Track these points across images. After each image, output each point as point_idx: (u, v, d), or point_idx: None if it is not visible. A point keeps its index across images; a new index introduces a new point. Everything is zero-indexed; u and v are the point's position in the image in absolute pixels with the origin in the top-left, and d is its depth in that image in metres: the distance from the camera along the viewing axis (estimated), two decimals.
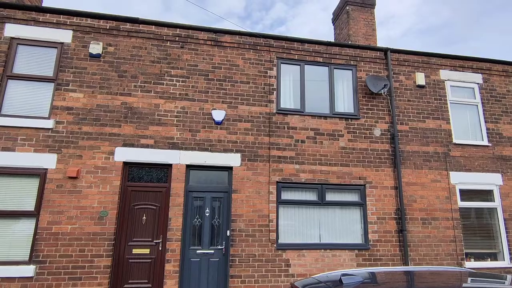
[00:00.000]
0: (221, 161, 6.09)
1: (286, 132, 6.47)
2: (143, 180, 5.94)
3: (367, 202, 6.42)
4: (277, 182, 6.21)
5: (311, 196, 6.37)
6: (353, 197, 6.51)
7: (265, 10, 45.17)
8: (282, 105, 6.65)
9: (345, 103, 6.95)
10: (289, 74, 6.88)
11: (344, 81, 7.07)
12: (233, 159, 6.13)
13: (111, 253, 5.39)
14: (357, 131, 6.75)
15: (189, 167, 6.06)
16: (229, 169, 6.18)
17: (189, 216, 5.91)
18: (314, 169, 6.38)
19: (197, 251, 5.80)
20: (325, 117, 6.70)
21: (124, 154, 5.80)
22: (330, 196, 6.40)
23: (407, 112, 7.07)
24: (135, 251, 5.64)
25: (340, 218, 6.38)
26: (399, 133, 6.84)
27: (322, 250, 6.06)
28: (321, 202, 6.31)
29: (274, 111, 6.54)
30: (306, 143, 6.49)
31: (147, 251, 5.67)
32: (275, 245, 5.91)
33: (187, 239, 5.81)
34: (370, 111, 6.91)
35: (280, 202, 6.17)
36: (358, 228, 6.39)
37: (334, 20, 9.83)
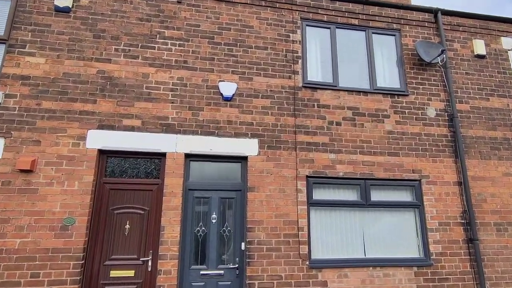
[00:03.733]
0: (232, 149, 4.53)
1: (316, 111, 4.94)
2: (127, 175, 4.35)
3: (424, 203, 4.86)
4: (307, 176, 4.65)
5: (351, 195, 4.81)
6: (405, 195, 4.96)
7: None
8: (310, 78, 5.13)
9: (388, 76, 5.44)
10: (316, 39, 5.38)
11: (386, 49, 5.57)
12: (248, 146, 4.58)
13: (78, 277, 3.78)
14: (406, 110, 5.22)
15: (189, 156, 4.50)
16: (243, 159, 4.62)
17: (189, 223, 4.33)
18: (354, 160, 4.83)
19: (201, 272, 4.20)
20: (365, 93, 5.18)
21: (100, 139, 4.23)
22: (376, 195, 4.84)
23: (466, 87, 5.57)
24: (114, 273, 4.03)
25: (390, 224, 4.81)
26: (458, 114, 5.32)
27: (371, 267, 4.47)
28: (365, 203, 4.75)
29: (300, 84, 5.01)
30: (343, 125, 4.95)
31: (131, 273, 4.06)
32: (307, 262, 4.32)
33: (186, 256, 4.22)
34: (421, 86, 5.41)
35: (312, 204, 4.60)
36: (414, 237, 4.81)
37: None
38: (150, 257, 4.12)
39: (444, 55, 5.32)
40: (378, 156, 4.91)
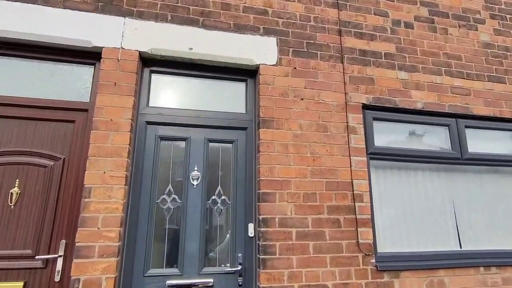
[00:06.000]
0: (232, 52, 2.45)
1: (373, 3, 2.92)
2: (21, 89, 2.20)
3: None
4: (364, 106, 2.62)
5: (436, 142, 2.82)
6: None
7: None
8: None
9: None
10: None
11: None
12: (259, 49, 2.51)
13: None
14: (508, 16, 3.29)
15: (150, 63, 2.39)
16: (250, 73, 2.55)
17: (146, 187, 2.21)
18: (439, 84, 2.84)
19: (169, 283, 2.09)
20: None
21: None
22: (474, 144, 2.86)
23: None
24: None
25: (499, 194, 2.85)
26: None
27: (481, 268, 2.47)
28: (460, 157, 2.76)
29: None
30: (416, 29, 2.95)
31: (16, 286, 1.92)
32: (373, 260, 2.28)
33: (139, 250, 2.10)
34: None
35: (373, 155, 2.57)
36: None
37: None
38: (61, 254, 1.98)
39: None
40: (475, 81, 2.94)
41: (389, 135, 2.69)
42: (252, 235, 2.26)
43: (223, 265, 2.22)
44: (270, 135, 2.34)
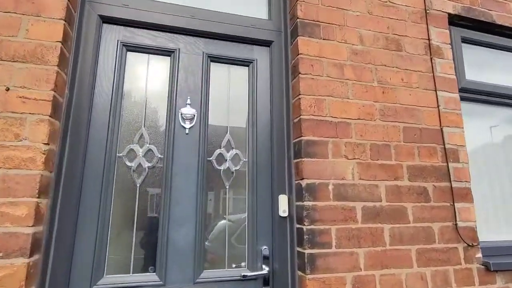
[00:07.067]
0: None
1: None
2: None
3: None
4: (450, 18, 1.71)
5: None
6: None
7: None
8: None
9: None
10: None
11: None
12: None
13: None
14: None
15: None
16: None
17: (99, 127, 1.22)
18: None
19: None
20: None
21: None
22: None
23: None
24: None
25: None
26: None
27: None
28: None
29: None
30: None
31: None
32: (478, 255, 1.41)
33: (83, 243, 1.13)
34: None
35: (464, 92, 1.68)
36: None
37: None
38: None
39: None
40: None
41: (478, 68, 1.81)
42: (286, 214, 1.33)
43: (234, 266, 1.28)
44: (315, 48, 1.39)
